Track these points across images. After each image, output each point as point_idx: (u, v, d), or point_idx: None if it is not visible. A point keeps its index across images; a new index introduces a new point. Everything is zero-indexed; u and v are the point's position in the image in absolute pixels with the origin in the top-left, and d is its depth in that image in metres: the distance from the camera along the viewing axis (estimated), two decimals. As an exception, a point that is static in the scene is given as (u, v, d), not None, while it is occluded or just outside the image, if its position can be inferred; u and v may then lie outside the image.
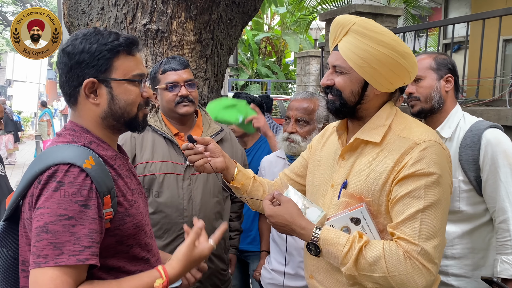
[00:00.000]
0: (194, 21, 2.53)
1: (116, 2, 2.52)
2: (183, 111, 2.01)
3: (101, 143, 1.23)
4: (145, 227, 1.28)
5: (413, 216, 1.25)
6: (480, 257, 1.84)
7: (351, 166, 1.41)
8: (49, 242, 1.03)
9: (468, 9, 7.92)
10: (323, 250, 1.32)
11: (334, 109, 1.42)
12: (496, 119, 1.92)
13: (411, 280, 1.23)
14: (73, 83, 1.20)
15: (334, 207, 1.42)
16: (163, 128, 2.05)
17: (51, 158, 1.10)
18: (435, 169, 1.26)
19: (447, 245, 1.85)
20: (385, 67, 1.32)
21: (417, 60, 1.88)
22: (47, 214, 1.04)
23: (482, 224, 1.83)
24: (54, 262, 1.02)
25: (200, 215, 2.00)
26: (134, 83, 1.24)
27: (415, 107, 1.92)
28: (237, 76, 17.48)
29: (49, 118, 12.97)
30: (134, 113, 1.25)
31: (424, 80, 1.90)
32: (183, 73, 2.02)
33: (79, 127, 1.22)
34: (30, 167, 1.13)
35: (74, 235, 1.04)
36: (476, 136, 1.79)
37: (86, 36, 1.19)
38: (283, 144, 2.12)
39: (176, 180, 2.00)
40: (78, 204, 1.06)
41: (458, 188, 1.81)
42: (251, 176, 1.67)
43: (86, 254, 1.05)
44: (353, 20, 1.34)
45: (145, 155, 2.01)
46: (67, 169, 1.07)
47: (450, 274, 1.86)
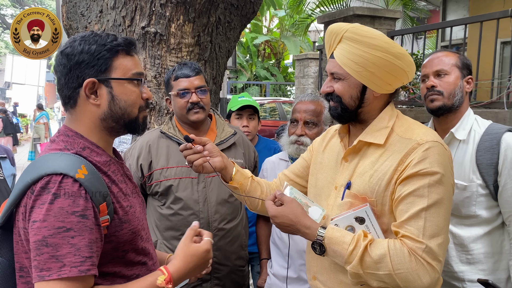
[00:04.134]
0: (193, 24, 2.53)
1: (114, 5, 2.52)
2: (194, 118, 2.06)
3: (95, 148, 1.22)
4: (141, 232, 1.27)
5: (417, 214, 1.27)
6: (494, 261, 1.81)
7: (354, 167, 1.44)
8: (50, 255, 1.02)
9: (466, 12, 7.94)
10: (328, 249, 1.33)
11: (336, 115, 1.46)
12: (494, 121, 1.92)
13: (416, 277, 1.25)
14: (72, 85, 1.19)
15: (338, 208, 1.44)
16: (176, 134, 2.10)
17: (43, 167, 1.09)
18: (438, 168, 1.29)
19: (462, 251, 1.82)
20: (381, 70, 1.36)
21: (441, 55, 1.89)
22: (44, 227, 1.03)
23: (495, 228, 1.81)
24: (57, 275, 1.02)
25: (216, 216, 2.06)
26: (134, 83, 1.23)
27: (435, 102, 1.84)
28: (236, 79, 17.49)
29: (46, 121, 12.95)
30: (135, 114, 1.25)
31: (450, 75, 1.85)
32: (195, 79, 2.06)
33: (73, 132, 1.21)
34: (23, 176, 1.12)
35: (74, 246, 1.04)
36: (495, 139, 1.76)
37: (85, 38, 1.20)
38: (291, 147, 2.11)
39: (191, 183, 2.05)
40: (75, 215, 1.05)
41: (476, 192, 1.78)
42: (249, 176, 1.67)
43: (88, 265, 1.05)
44: (345, 27, 1.38)
45: (161, 162, 2.06)
46: (61, 180, 1.06)
47: (466, 280, 1.82)
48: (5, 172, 3.20)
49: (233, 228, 2.13)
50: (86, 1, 2.66)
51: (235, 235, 2.15)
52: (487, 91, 4.76)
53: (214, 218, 2.06)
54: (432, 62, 1.90)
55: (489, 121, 1.88)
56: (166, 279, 1.16)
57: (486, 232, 1.80)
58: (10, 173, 3.38)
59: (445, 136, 1.86)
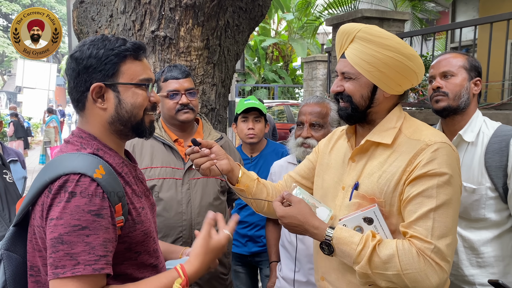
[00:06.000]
0: (202, 28, 2.55)
1: (124, 10, 2.55)
2: (183, 118, 2.05)
3: (108, 150, 1.23)
4: (153, 233, 1.29)
5: (426, 215, 1.27)
6: (505, 264, 1.80)
7: (362, 168, 1.44)
8: (65, 253, 1.04)
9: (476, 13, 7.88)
10: (337, 249, 1.34)
11: (346, 115, 1.46)
12: (505, 123, 1.90)
13: (425, 277, 1.25)
14: (80, 88, 1.21)
15: (346, 208, 1.44)
16: (162, 135, 2.09)
17: (61, 167, 1.11)
18: (446, 169, 1.29)
19: (472, 254, 1.81)
20: (393, 70, 1.36)
21: (448, 57, 1.88)
22: (61, 225, 1.05)
23: (505, 231, 1.79)
24: (71, 272, 1.03)
25: (199, 219, 2.02)
26: (141, 87, 1.24)
27: (440, 103, 1.85)
28: (244, 82, 17.53)
29: (56, 125, 13.08)
30: (140, 116, 1.25)
31: (456, 77, 1.84)
32: (184, 81, 2.06)
33: (86, 133, 1.23)
34: (40, 175, 1.14)
35: (89, 245, 1.05)
36: (504, 142, 1.75)
37: (94, 42, 1.21)
38: (298, 150, 2.10)
39: (175, 184, 2.03)
40: (91, 214, 1.07)
41: (485, 195, 1.76)
42: (254, 178, 1.67)
43: (102, 264, 1.06)
44: (358, 27, 1.38)
45: (145, 161, 2.05)
46: (78, 179, 1.08)
47: (477, 284, 1.80)
48: (16, 175, 3.25)
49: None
50: (96, 6, 2.69)
51: None
52: (498, 93, 4.72)
53: (197, 221, 2.02)
54: (439, 63, 1.90)
55: (498, 123, 1.87)
56: (182, 283, 1.15)
57: (496, 235, 1.79)
58: (21, 175, 3.43)
59: (453, 139, 1.84)
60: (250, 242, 2.80)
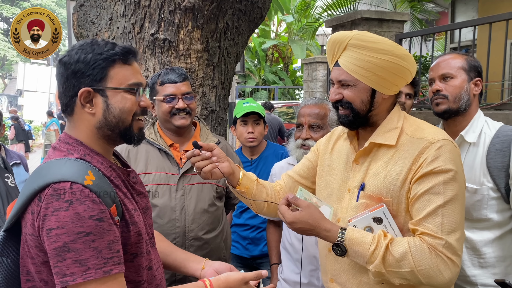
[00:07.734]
0: (201, 30, 2.56)
1: (124, 13, 2.56)
2: (178, 124, 2.02)
3: (95, 155, 1.21)
4: (145, 235, 1.28)
5: (434, 211, 1.31)
6: (507, 264, 1.80)
7: (366, 169, 1.46)
8: (73, 260, 1.04)
9: (475, 13, 7.89)
10: (349, 250, 1.35)
11: (348, 122, 1.48)
12: (505, 123, 1.90)
13: (438, 273, 1.28)
14: (69, 93, 1.20)
15: (353, 209, 1.45)
16: (157, 140, 2.06)
17: (50, 175, 1.09)
18: (451, 165, 1.33)
19: (474, 254, 1.81)
20: (389, 72, 1.39)
21: (447, 58, 1.89)
22: (64, 234, 1.04)
23: (507, 231, 1.80)
24: (82, 278, 1.03)
25: (193, 225, 1.99)
26: (130, 92, 1.23)
27: (441, 106, 1.85)
28: (244, 83, 17.54)
29: (56, 128, 13.11)
30: (128, 122, 1.23)
31: (455, 79, 1.84)
32: (182, 85, 2.02)
33: (73, 139, 1.21)
34: (28, 183, 1.13)
35: (95, 250, 1.05)
36: (506, 142, 1.75)
37: (82, 46, 1.20)
38: (298, 151, 2.11)
39: (170, 190, 1.99)
40: (92, 219, 1.06)
41: (487, 195, 1.76)
42: (254, 179, 1.67)
43: (110, 265, 1.07)
44: (350, 35, 1.41)
45: (139, 167, 2.01)
46: (70, 186, 1.07)
47: (479, 284, 1.80)
48: (19, 178, 3.25)
49: (212, 239, 2.05)
50: (96, 9, 2.70)
51: (214, 247, 2.06)
52: (498, 93, 4.72)
53: (191, 228, 1.98)
54: (438, 65, 1.89)
55: (500, 123, 1.87)
56: None
57: (498, 235, 1.79)
58: (24, 178, 3.44)
59: (455, 139, 1.84)
60: (251, 244, 2.80)
